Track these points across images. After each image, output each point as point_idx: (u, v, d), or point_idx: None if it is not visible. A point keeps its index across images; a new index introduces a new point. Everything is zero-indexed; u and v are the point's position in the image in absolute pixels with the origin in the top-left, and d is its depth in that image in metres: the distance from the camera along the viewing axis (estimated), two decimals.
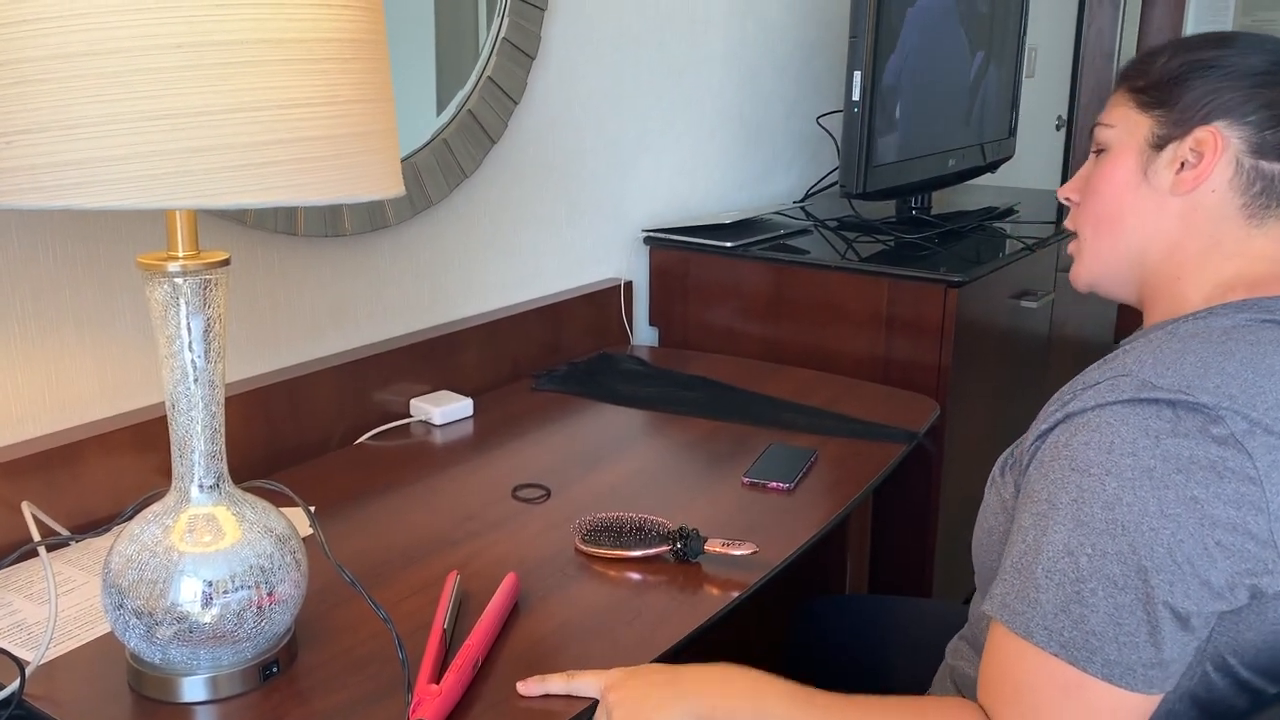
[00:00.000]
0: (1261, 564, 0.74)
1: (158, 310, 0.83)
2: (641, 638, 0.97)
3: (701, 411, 1.54)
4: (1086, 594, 0.75)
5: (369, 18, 0.79)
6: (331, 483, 1.30)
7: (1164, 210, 0.90)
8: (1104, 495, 0.75)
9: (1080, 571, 0.76)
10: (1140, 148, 0.91)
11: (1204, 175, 0.88)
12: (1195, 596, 0.74)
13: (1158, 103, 0.90)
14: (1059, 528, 0.77)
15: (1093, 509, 0.76)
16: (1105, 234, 0.94)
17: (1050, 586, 0.77)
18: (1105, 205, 0.93)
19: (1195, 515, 0.74)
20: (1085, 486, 0.76)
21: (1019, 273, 1.92)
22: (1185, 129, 0.88)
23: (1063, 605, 0.76)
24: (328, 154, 0.76)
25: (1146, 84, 0.91)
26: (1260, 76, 0.87)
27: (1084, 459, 0.77)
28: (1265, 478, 0.74)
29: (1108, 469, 0.76)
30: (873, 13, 1.76)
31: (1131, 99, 0.92)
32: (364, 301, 1.49)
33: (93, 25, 0.69)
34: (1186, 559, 0.74)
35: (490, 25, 1.57)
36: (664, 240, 1.93)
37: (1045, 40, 3.60)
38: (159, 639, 0.85)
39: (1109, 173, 0.93)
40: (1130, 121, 0.92)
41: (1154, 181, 0.90)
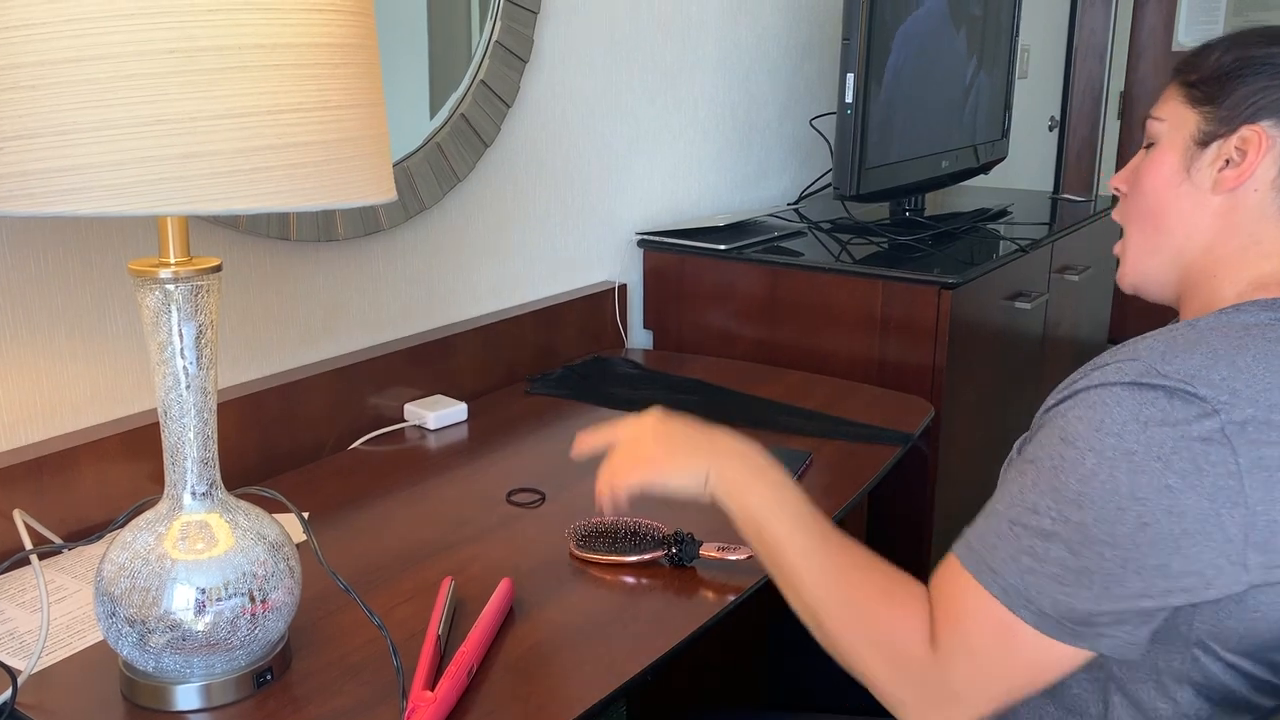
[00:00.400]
0: (1227, 556, 0.75)
1: (149, 317, 0.83)
2: (637, 643, 0.96)
3: (696, 415, 1.53)
4: (1039, 551, 0.79)
5: (359, 22, 0.79)
6: (325, 488, 1.29)
7: (1204, 208, 0.90)
8: (1081, 469, 0.78)
9: (1041, 531, 0.79)
10: (1185, 144, 0.91)
11: (1246, 174, 0.87)
12: (1149, 578, 0.76)
13: (1207, 98, 0.89)
14: (1034, 489, 0.81)
15: (1068, 479, 0.78)
16: (1148, 232, 0.94)
17: (1010, 536, 0.81)
18: (1148, 202, 0.93)
19: (1166, 503, 0.75)
20: (1067, 457, 0.79)
21: (1013, 274, 1.92)
22: (1231, 127, 0.88)
23: (1014, 555, 0.80)
24: (319, 159, 0.76)
25: (1198, 78, 0.90)
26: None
27: (1073, 432, 0.79)
28: (1247, 472, 0.75)
29: (1091, 445, 0.78)
30: (865, 15, 1.77)
31: (1182, 93, 0.92)
32: (357, 306, 1.49)
33: (83, 31, 0.69)
34: (1149, 542, 0.76)
35: (483, 28, 1.57)
36: (658, 243, 1.93)
37: (1038, 41, 3.60)
38: (152, 647, 0.84)
39: (1154, 169, 0.93)
40: (1179, 116, 0.91)
41: (1196, 179, 0.90)
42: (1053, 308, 2.18)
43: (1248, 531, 0.75)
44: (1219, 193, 0.89)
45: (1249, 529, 0.75)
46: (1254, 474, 0.75)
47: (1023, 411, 2.09)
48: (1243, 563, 0.75)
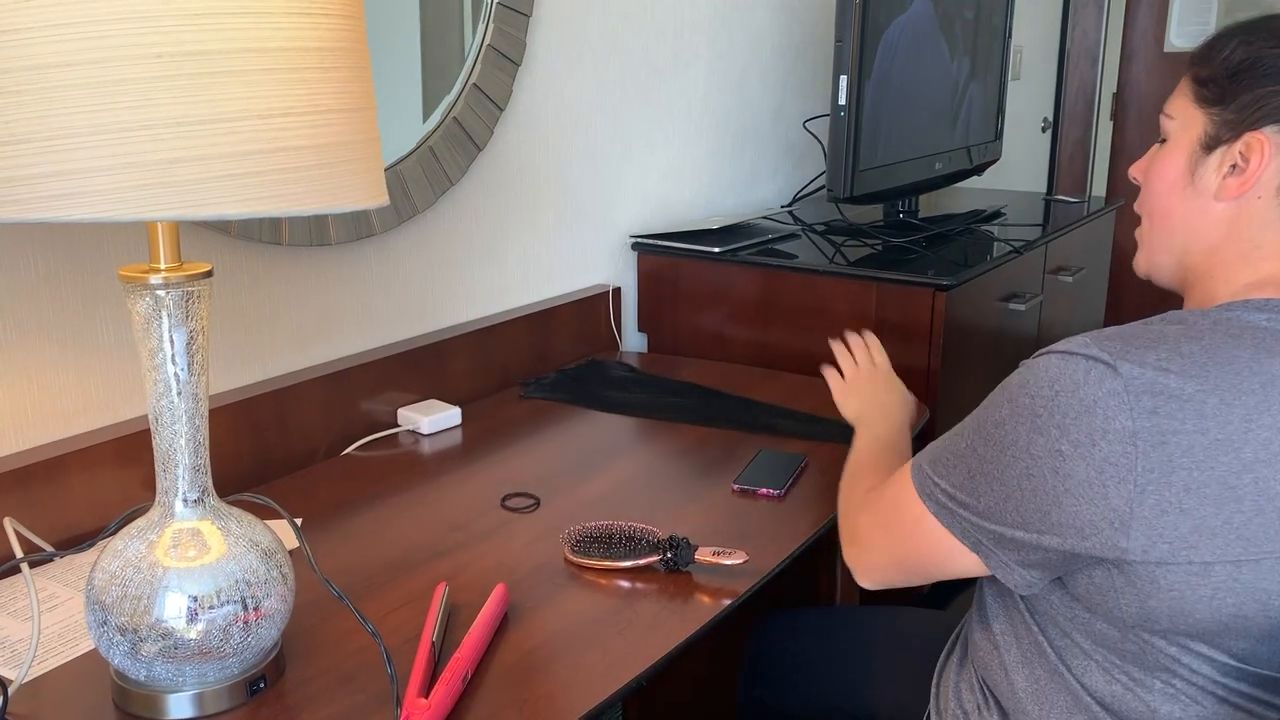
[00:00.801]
0: (1108, 520, 0.79)
1: (140, 323, 0.83)
2: (632, 648, 0.96)
3: (691, 418, 1.54)
4: (952, 463, 0.90)
5: (350, 26, 0.79)
6: (318, 494, 1.29)
7: (1207, 214, 0.90)
8: (996, 415, 0.86)
9: (958, 450, 0.90)
10: (1192, 147, 0.90)
11: (1250, 183, 0.86)
12: (1025, 515, 0.83)
13: (1215, 99, 0.89)
14: (971, 419, 0.91)
15: (986, 418, 0.88)
16: (1158, 228, 0.95)
17: (939, 448, 0.94)
18: (1156, 201, 0.94)
19: (1053, 464, 0.81)
20: (993, 401, 0.88)
21: (1007, 275, 1.92)
22: (1237, 132, 0.87)
23: (935, 458, 0.93)
24: (310, 164, 0.75)
25: (1207, 75, 0.89)
26: None
27: (1007, 384, 0.87)
28: (1143, 454, 0.78)
29: (1009, 398, 0.85)
30: (858, 17, 1.76)
31: (1192, 91, 0.91)
32: (350, 311, 1.48)
33: (71, 36, 0.68)
34: (1032, 490, 0.83)
35: (475, 32, 1.57)
36: (652, 246, 1.93)
37: (1030, 42, 3.61)
38: (144, 656, 0.84)
39: (1161, 169, 0.93)
40: (1188, 115, 0.91)
41: (1199, 185, 0.90)
42: (1047, 309, 2.18)
43: (1132, 505, 0.78)
44: (1223, 200, 0.88)
45: (1134, 503, 0.78)
46: (1152, 455, 0.77)
47: None
48: (1124, 530, 0.79)
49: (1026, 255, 1.97)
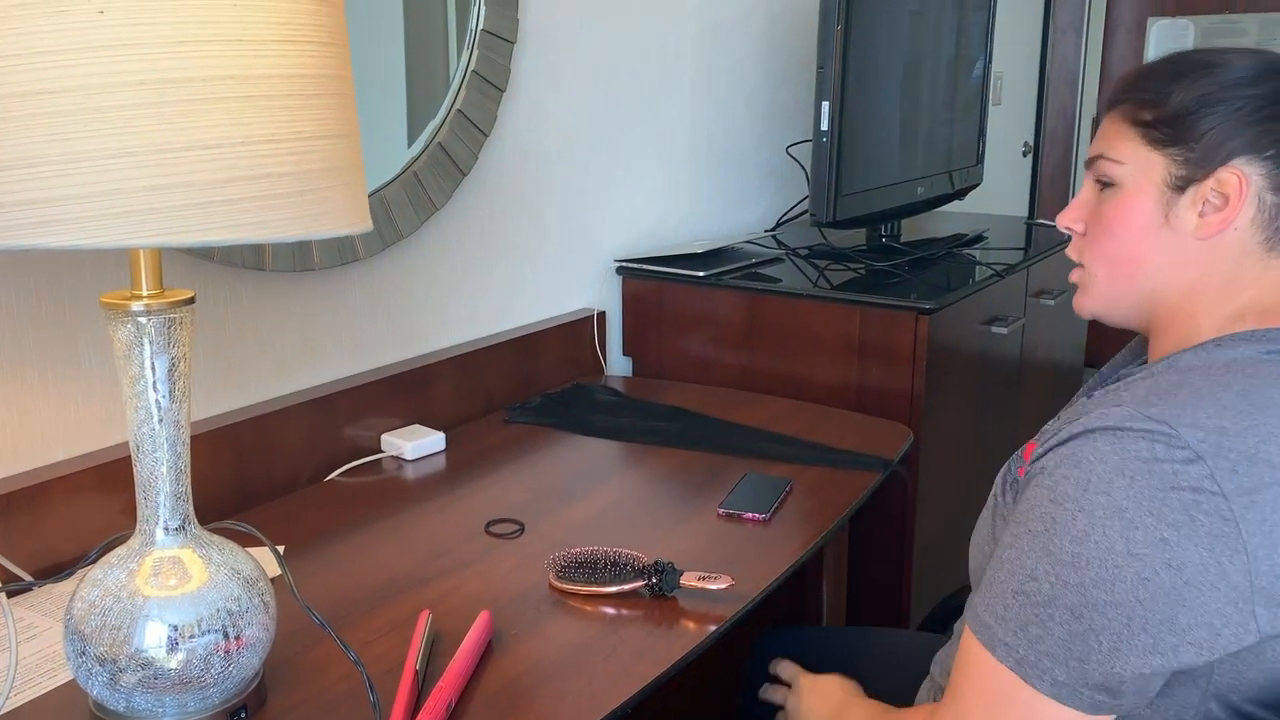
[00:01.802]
0: (1234, 604, 0.74)
1: (121, 350, 0.82)
2: (617, 675, 0.95)
3: (676, 442, 1.54)
4: (1045, 618, 0.78)
5: (333, 54, 0.79)
6: (301, 521, 1.28)
7: (1185, 253, 0.88)
8: (1074, 530, 0.77)
9: (1042, 597, 0.78)
10: (1158, 189, 0.88)
11: (1232, 217, 0.85)
12: (1155, 634, 0.74)
13: (1171, 140, 0.87)
14: (1030, 553, 0.80)
15: (1062, 542, 0.78)
16: (1123, 275, 0.91)
17: (1015, 606, 0.80)
18: (1122, 247, 0.90)
19: (1164, 556, 0.74)
20: (1058, 519, 0.78)
21: (989, 299, 1.93)
22: (1207, 169, 0.86)
23: (1023, 625, 0.79)
24: (293, 190, 0.75)
25: (1156, 119, 0.88)
26: (1271, 108, 0.85)
27: (1061, 491, 0.79)
28: (1241, 518, 0.73)
29: (1080, 505, 0.77)
30: (840, 44, 1.78)
31: (1140, 134, 0.89)
32: (334, 336, 1.48)
33: (52, 64, 0.68)
34: (1151, 597, 0.74)
35: (459, 58, 1.57)
36: (636, 270, 1.93)
37: (1011, 69, 3.65)
38: (123, 686, 0.83)
39: (1125, 215, 0.90)
40: (1142, 159, 0.89)
41: (1176, 225, 0.88)
42: (1029, 332, 2.19)
43: (1252, 578, 0.74)
44: (1203, 237, 0.87)
45: (1253, 575, 0.74)
46: (1249, 518, 0.74)
47: (1001, 436, 2.09)
48: (1251, 611, 0.74)
49: (1008, 279, 1.99)
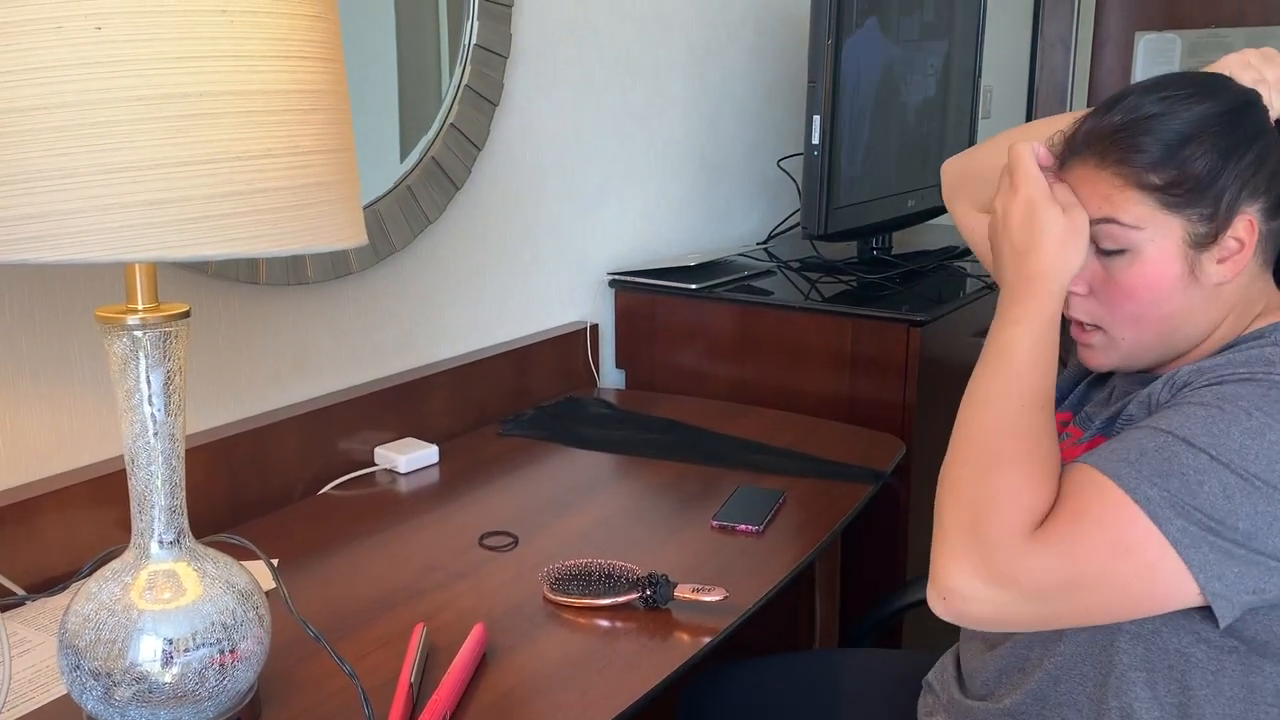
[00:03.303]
0: None
1: (116, 364, 0.82)
2: (611, 687, 0.95)
3: (669, 454, 1.54)
4: (1194, 484, 0.79)
5: (329, 69, 0.80)
6: (295, 534, 1.28)
7: (1214, 301, 0.91)
8: (1248, 423, 0.80)
9: (1196, 464, 0.79)
10: (1181, 249, 0.89)
11: (1246, 259, 0.89)
12: None
13: (1188, 202, 0.88)
14: (1188, 426, 0.81)
15: (1230, 430, 0.80)
16: (1152, 333, 0.92)
17: (1158, 460, 0.81)
18: (1152, 310, 0.91)
19: None
20: (1228, 412, 0.81)
21: (980, 311, 1.94)
22: (1226, 224, 0.88)
23: (1164, 473, 0.80)
24: (288, 205, 0.76)
25: (1167, 182, 0.87)
26: (1256, 147, 0.88)
27: (1234, 393, 0.82)
28: None
29: (1258, 405, 0.80)
30: (831, 58, 1.79)
31: (1152, 198, 0.88)
32: (328, 349, 1.48)
33: (48, 79, 0.69)
34: None
35: (453, 72, 1.58)
36: (629, 283, 1.94)
37: (999, 81, 3.67)
38: (117, 700, 0.83)
39: (1153, 279, 0.90)
40: (1159, 223, 0.88)
41: (1203, 279, 0.90)
42: None
43: None
44: (1224, 281, 0.90)
45: None
46: None
47: None
48: None
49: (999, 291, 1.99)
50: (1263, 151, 0.88)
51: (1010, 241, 0.94)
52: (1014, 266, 0.93)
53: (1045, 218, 0.91)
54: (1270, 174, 0.89)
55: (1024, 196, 0.92)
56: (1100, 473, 0.82)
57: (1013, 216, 0.93)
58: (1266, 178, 0.88)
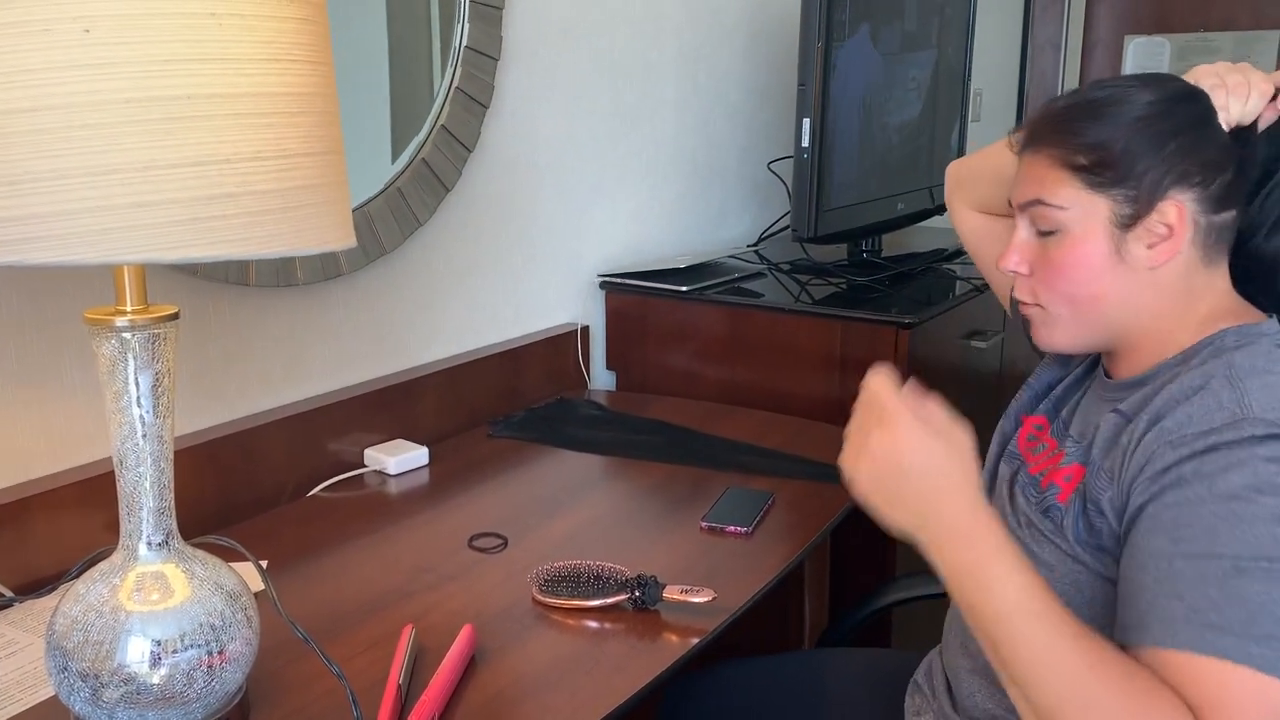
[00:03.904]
0: None
1: (105, 365, 0.82)
2: (600, 688, 0.96)
3: (659, 456, 1.54)
4: (1271, 605, 0.75)
5: (318, 72, 0.80)
6: (284, 536, 1.28)
7: (1143, 284, 0.92)
8: (1265, 513, 0.77)
9: (1261, 585, 0.76)
10: (1107, 229, 0.91)
11: (1178, 246, 0.90)
12: None
13: (1112, 182, 0.90)
14: (1222, 549, 0.77)
15: (1256, 529, 0.77)
16: (1087, 312, 0.94)
17: (1230, 604, 0.76)
18: (1082, 288, 0.93)
19: None
20: (1239, 510, 0.78)
21: (969, 313, 1.94)
22: (1150, 204, 0.90)
23: (1250, 619, 0.75)
24: (277, 207, 0.76)
25: (1092, 162, 0.91)
26: (1190, 136, 0.90)
27: (1227, 484, 0.79)
28: None
29: (1259, 488, 0.78)
30: (820, 61, 1.80)
31: (1078, 178, 0.92)
32: (317, 351, 1.48)
33: (36, 81, 0.69)
34: None
35: (444, 74, 1.58)
36: (620, 285, 1.94)
37: (990, 84, 3.68)
38: (105, 701, 0.83)
39: (1080, 257, 0.92)
40: (1084, 202, 0.91)
41: (1130, 261, 0.91)
42: (1008, 346, 2.21)
43: None
44: (1155, 267, 0.91)
45: None
46: None
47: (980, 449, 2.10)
48: None
49: (988, 293, 2.00)
50: (1195, 141, 0.89)
51: (910, 489, 0.83)
52: (932, 520, 0.82)
53: (930, 459, 0.82)
54: (1204, 164, 0.89)
55: (899, 439, 0.83)
56: (1200, 656, 0.76)
57: (897, 460, 0.83)
58: (1200, 167, 0.89)
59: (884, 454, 0.83)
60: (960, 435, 0.85)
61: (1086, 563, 0.90)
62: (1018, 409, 1.10)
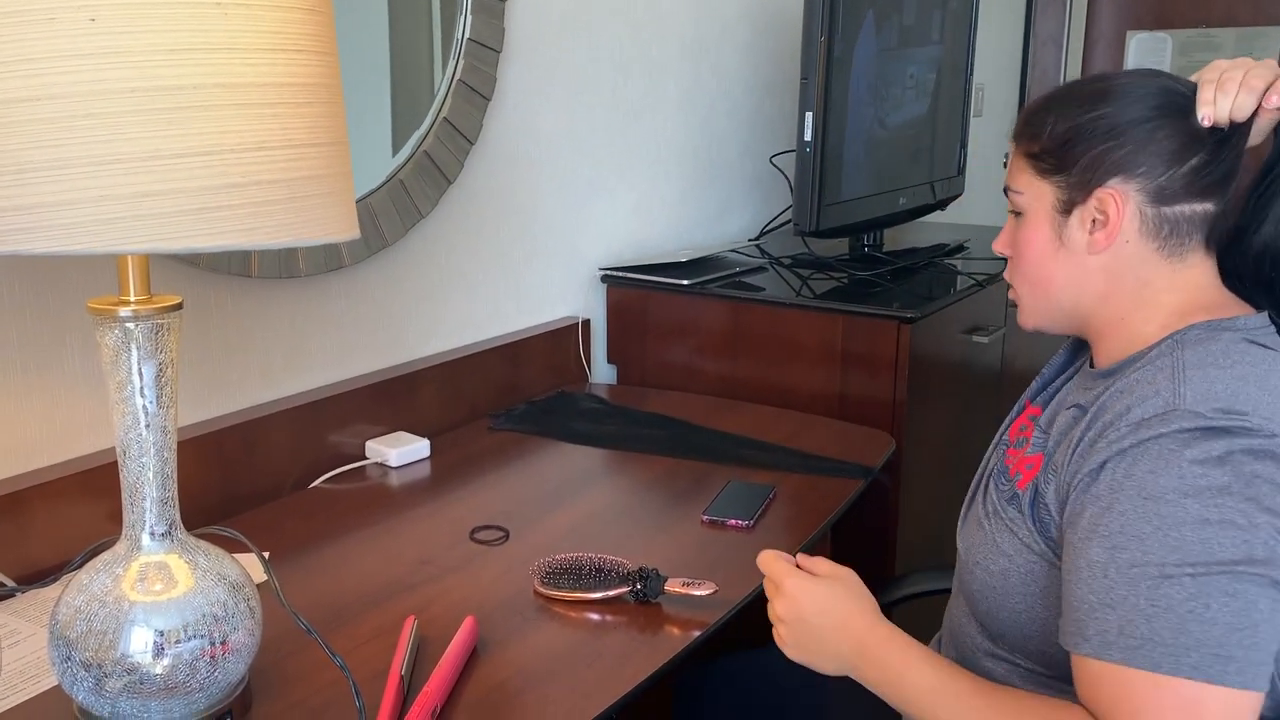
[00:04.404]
0: None
1: (109, 355, 0.82)
2: (602, 680, 0.96)
3: (660, 449, 1.54)
4: (1200, 610, 0.76)
5: (323, 62, 0.80)
6: (286, 527, 1.28)
7: (1086, 268, 0.95)
8: (1189, 516, 0.78)
9: (1188, 592, 0.77)
10: (1050, 214, 0.96)
11: (1115, 233, 0.92)
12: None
13: (1053, 169, 0.95)
14: (1149, 556, 0.79)
15: (1182, 532, 0.78)
16: (1040, 294, 0.99)
17: (1159, 614, 0.77)
18: (1033, 269, 0.98)
19: (1277, 521, 0.77)
20: (1165, 514, 0.79)
21: (970, 308, 1.94)
22: (1085, 192, 0.93)
23: (1179, 628, 0.77)
24: (281, 197, 0.76)
25: (1040, 150, 0.95)
26: (1142, 127, 0.91)
27: (1155, 487, 0.80)
28: None
29: (1184, 492, 0.79)
30: (823, 55, 1.80)
31: (1030, 165, 0.97)
32: (319, 342, 1.48)
33: (40, 71, 0.69)
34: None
35: (445, 67, 1.58)
36: (621, 278, 1.94)
37: (991, 80, 3.68)
38: (108, 691, 0.83)
39: (1029, 238, 0.98)
40: (1034, 188, 0.97)
41: (1070, 245, 0.95)
42: (1010, 341, 2.21)
43: None
44: (1094, 253, 0.94)
45: None
46: None
47: (982, 443, 2.10)
48: None
49: (989, 288, 2.00)
50: (1148, 132, 0.90)
51: (818, 634, 0.95)
52: (846, 650, 0.93)
53: (823, 601, 0.94)
54: (1155, 156, 0.90)
55: (794, 597, 0.95)
56: (1129, 668, 0.78)
57: (798, 614, 0.95)
58: (1149, 158, 0.90)
59: (789, 615, 0.95)
60: (845, 572, 0.98)
61: (1040, 553, 0.91)
62: (1026, 395, 1.11)
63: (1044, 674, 0.95)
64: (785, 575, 0.97)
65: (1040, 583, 0.92)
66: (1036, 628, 0.93)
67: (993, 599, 0.96)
